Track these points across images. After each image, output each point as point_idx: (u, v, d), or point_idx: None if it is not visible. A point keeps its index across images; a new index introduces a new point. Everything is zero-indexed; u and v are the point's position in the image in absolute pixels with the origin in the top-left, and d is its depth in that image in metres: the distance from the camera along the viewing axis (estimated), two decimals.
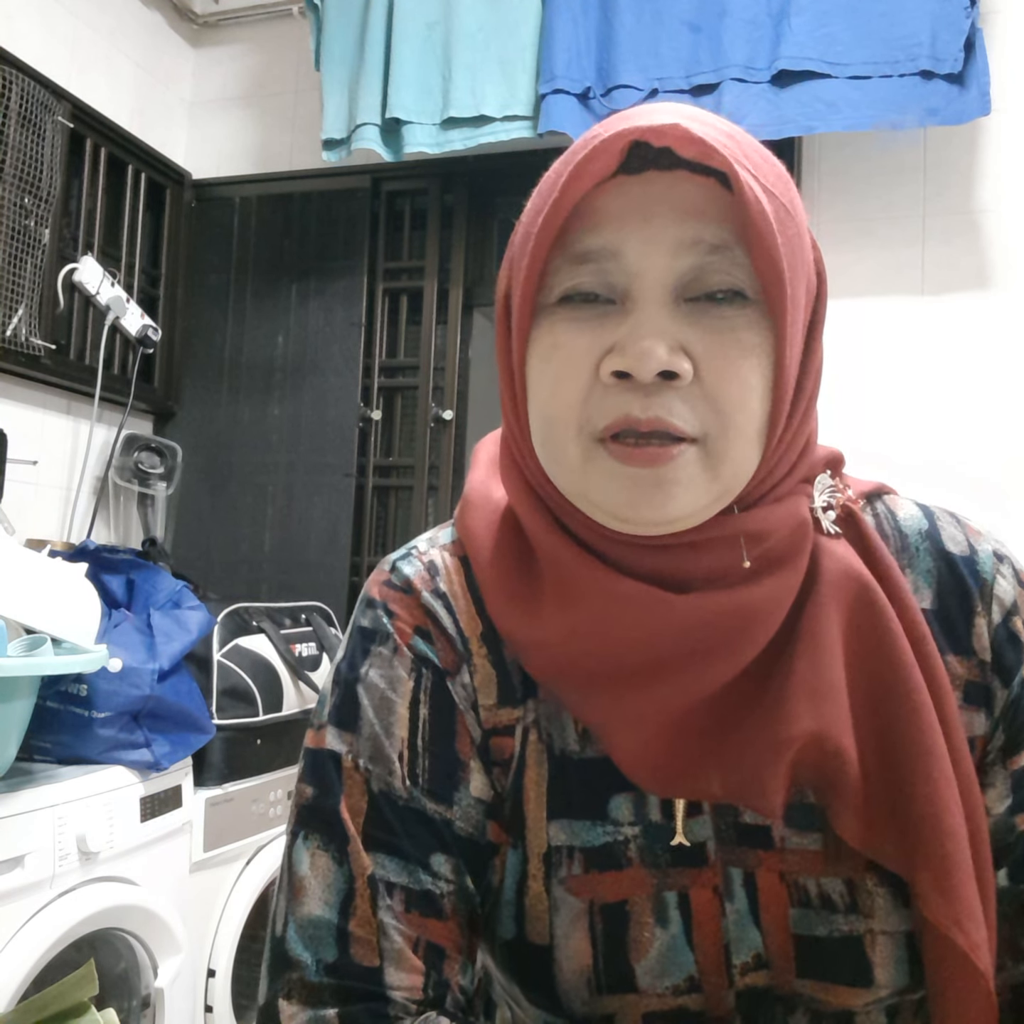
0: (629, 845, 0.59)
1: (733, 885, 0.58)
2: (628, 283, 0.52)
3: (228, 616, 1.84)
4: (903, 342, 2.00)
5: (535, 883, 0.60)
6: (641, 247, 0.51)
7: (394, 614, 0.62)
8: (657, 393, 0.51)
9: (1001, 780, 0.60)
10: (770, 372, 0.53)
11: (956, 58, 1.78)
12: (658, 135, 0.50)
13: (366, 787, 0.58)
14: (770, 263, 0.51)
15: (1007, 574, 0.62)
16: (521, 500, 0.60)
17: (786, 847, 0.58)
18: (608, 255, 0.52)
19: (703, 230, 0.51)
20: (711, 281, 0.52)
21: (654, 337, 0.50)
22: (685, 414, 0.51)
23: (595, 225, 0.52)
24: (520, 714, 0.61)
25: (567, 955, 0.58)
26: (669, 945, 0.58)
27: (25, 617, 1.33)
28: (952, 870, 0.54)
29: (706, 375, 0.51)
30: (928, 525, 0.63)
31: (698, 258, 0.51)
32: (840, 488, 0.62)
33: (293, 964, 0.56)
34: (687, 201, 0.51)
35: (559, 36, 1.99)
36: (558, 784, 0.60)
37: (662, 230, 0.51)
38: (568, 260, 0.53)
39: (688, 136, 0.49)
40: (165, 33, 2.55)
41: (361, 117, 2.14)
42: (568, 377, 0.53)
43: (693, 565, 0.56)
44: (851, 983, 0.57)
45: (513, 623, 0.60)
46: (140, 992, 1.56)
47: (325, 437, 2.42)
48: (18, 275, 2.00)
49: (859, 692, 0.57)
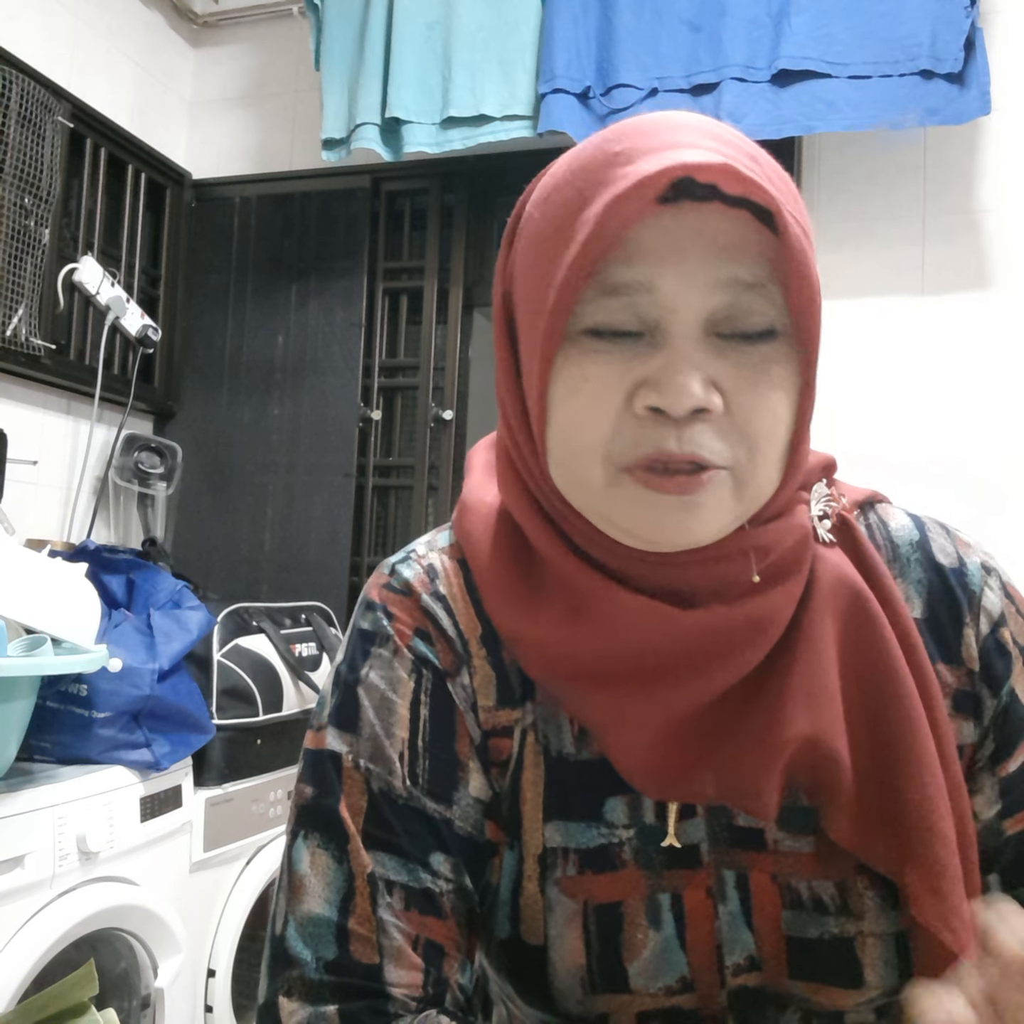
0: (624, 847, 0.59)
1: (726, 887, 0.59)
2: (660, 317, 0.51)
3: (228, 616, 1.84)
4: (903, 342, 2.00)
5: (530, 884, 0.60)
6: (676, 282, 0.51)
7: (394, 616, 0.62)
8: (689, 426, 0.51)
9: (989, 786, 0.61)
10: (795, 401, 0.54)
11: (956, 58, 1.78)
12: (705, 172, 0.49)
13: (366, 786, 0.58)
14: (809, 302, 0.51)
15: (995, 586, 0.63)
16: (524, 512, 0.60)
17: (779, 849, 0.59)
18: (642, 289, 0.51)
19: (738, 268, 0.51)
20: (745, 323, 0.52)
21: (688, 373, 0.50)
22: (716, 447, 0.51)
23: (629, 257, 0.51)
24: (519, 715, 0.61)
25: (561, 955, 0.59)
26: (662, 946, 0.58)
27: (25, 617, 1.33)
28: (941, 872, 0.55)
29: (736, 408, 0.51)
30: (919, 536, 0.64)
31: (733, 296, 0.51)
32: (835, 497, 0.62)
33: (293, 962, 0.56)
34: (722, 236, 0.51)
35: (559, 35, 1.99)
36: (554, 786, 0.60)
37: (699, 267, 0.51)
38: (599, 292, 0.52)
39: (737, 175, 0.49)
40: (165, 33, 2.55)
41: (361, 117, 2.14)
42: (597, 410, 0.52)
43: (701, 579, 0.56)
44: (842, 984, 0.57)
45: (512, 623, 0.60)
46: (140, 992, 1.56)
47: (325, 437, 2.42)
48: (18, 275, 2.00)
49: (852, 697, 0.58)
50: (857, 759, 0.57)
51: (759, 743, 0.56)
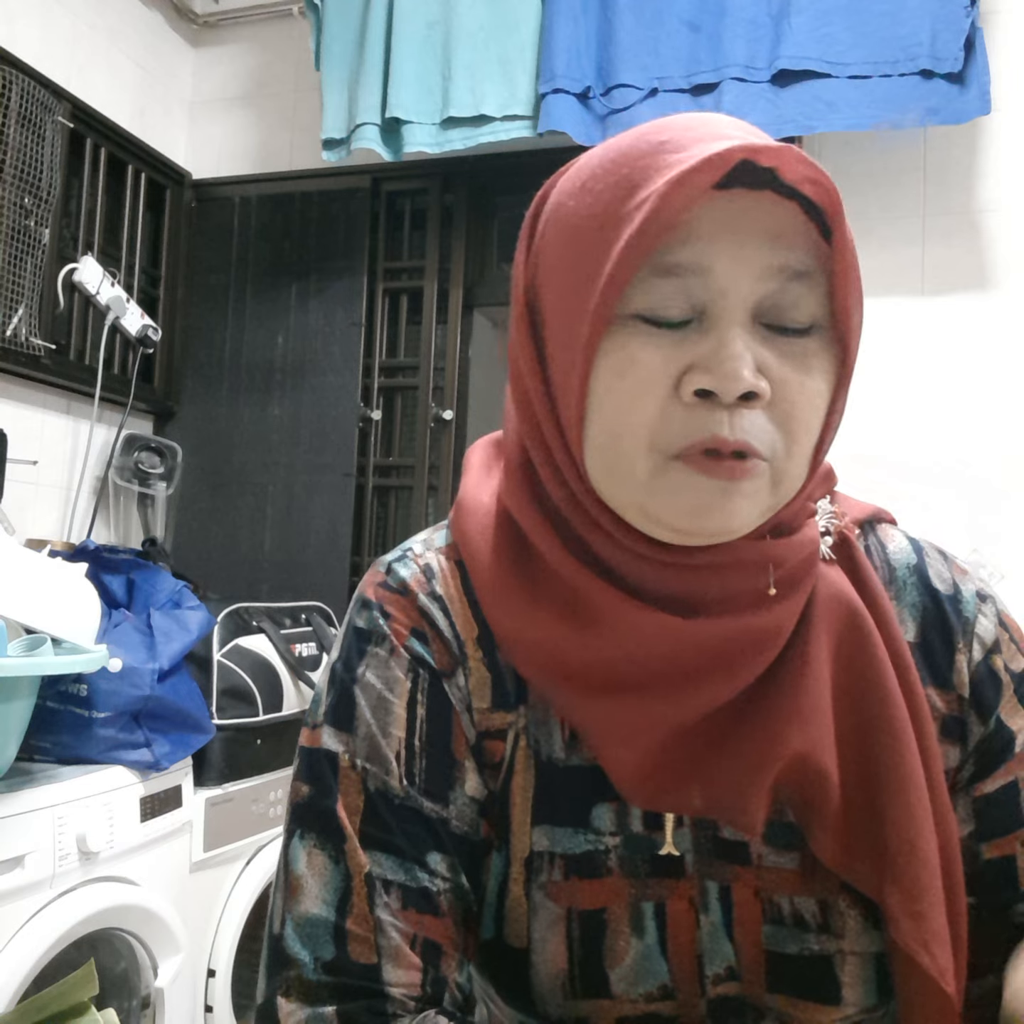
0: (610, 854, 0.59)
1: (709, 898, 0.59)
2: (710, 301, 0.51)
3: (228, 616, 1.84)
4: (903, 342, 2.00)
5: (516, 887, 0.60)
6: (730, 266, 0.51)
7: (390, 615, 0.62)
8: (739, 414, 0.51)
9: (962, 805, 0.61)
10: (831, 397, 0.54)
11: (956, 57, 1.78)
12: (767, 155, 0.49)
13: (362, 786, 0.58)
14: (856, 297, 0.52)
15: (989, 614, 0.63)
16: (528, 515, 0.60)
17: (763, 864, 0.59)
18: (697, 270, 0.51)
19: (789, 256, 0.51)
20: (789, 314, 0.52)
21: (739, 356, 0.50)
22: (763, 436, 0.51)
23: (686, 238, 0.51)
24: (512, 719, 0.61)
25: (543, 959, 0.59)
26: (644, 954, 0.58)
27: (25, 617, 1.33)
28: (922, 895, 0.55)
29: (779, 398, 0.51)
30: (916, 560, 0.64)
31: (781, 284, 0.51)
32: (838, 514, 0.62)
33: (291, 962, 0.56)
34: (775, 224, 0.51)
35: (559, 36, 1.99)
36: (543, 790, 0.60)
37: (753, 251, 0.51)
38: (651, 272, 0.51)
39: (799, 158, 0.49)
40: (165, 33, 2.55)
41: (361, 117, 2.14)
42: (645, 393, 0.51)
43: (711, 587, 0.56)
44: (820, 1000, 0.58)
45: (508, 624, 0.60)
46: (140, 992, 1.56)
47: (325, 437, 2.42)
48: (18, 275, 2.00)
49: (843, 715, 0.58)
50: (845, 778, 0.57)
51: (749, 758, 0.56)
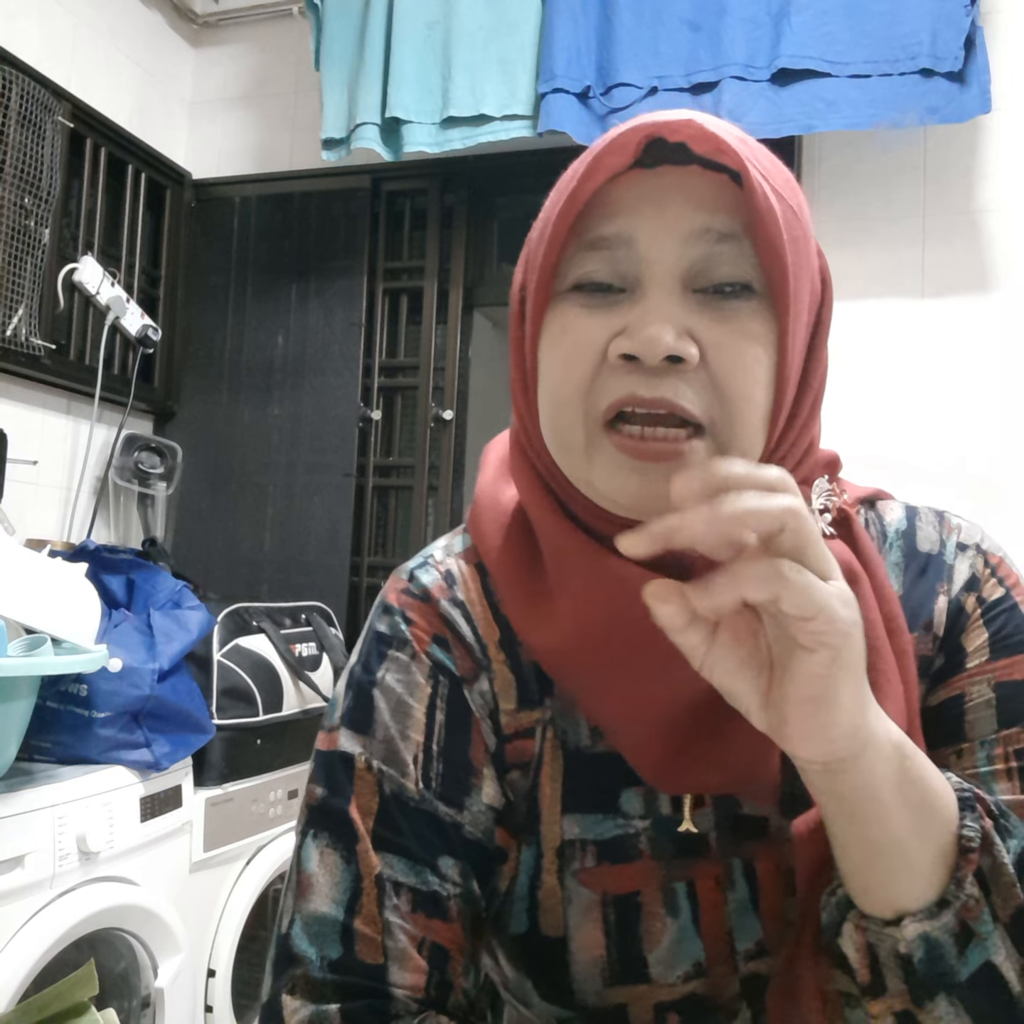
0: (640, 838, 0.60)
1: (734, 874, 0.60)
2: (639, 270, 0.53)
3: (228, 616, 1.84)
4: (903, 343, 2.00)
5: (549, 876, 0.61)
6: (653, 235, 0.53)
7: (412, 621, 0.63)
8: (663, 376, 0.51)
9: None
10: (774, 364, 0.54)
11: (956, 56, 1.78)
12: (672, 131, 0.52)
13: (378, 788, 0.58)
14: (776, 256, 0.52)
15: (966, 558, 0.63)
16: (530, 489, 0.61)
17: (782, 837, 0.59)
18: (621, 242, 0.53)
19: (712, 220, 0.53)
20: (719, 273, 0.53)
21: (662, 322, 0.51)
22: (691, 396, 0.52)
23: (610, 214, 0.54)
24: (539, 715, 0.62)
25: (580, 946, 0.60)
26: (679, 934, 0.59)
27: (25, 617, 1.33)
28: None
29: (712, 362, 0.52)
30: (907, 526, 0.65)
31: (707, 247, 0.52)
32: (836, 492, 0.63)
33: (297, 960, 0.56)
34: (699, 193, 0.53)
35: (559, 35, 1.99)
36: (572, 779, 0.61)
37: (674, 219, 0.53)
38: (582, 247, 0.54)
39: (702, 132, 0.51)
40: (165, 33, 2.55)
41: (361, 117, 2.14)
42: (576, 360, 0.53)
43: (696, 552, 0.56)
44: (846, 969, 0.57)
45: (527, 621, 0.60)
46: (140, 992, 1.56)
47: (325, 437, 2.42)
48: (18, 275, 2.00)
49: None
50: None
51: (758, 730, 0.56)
